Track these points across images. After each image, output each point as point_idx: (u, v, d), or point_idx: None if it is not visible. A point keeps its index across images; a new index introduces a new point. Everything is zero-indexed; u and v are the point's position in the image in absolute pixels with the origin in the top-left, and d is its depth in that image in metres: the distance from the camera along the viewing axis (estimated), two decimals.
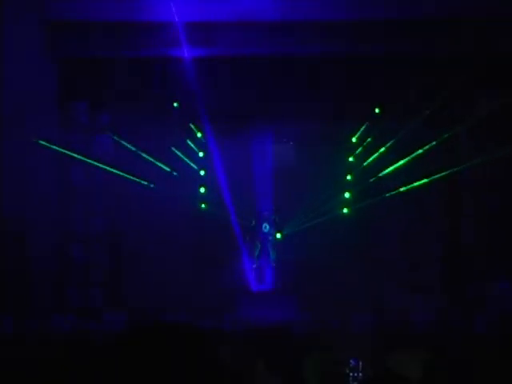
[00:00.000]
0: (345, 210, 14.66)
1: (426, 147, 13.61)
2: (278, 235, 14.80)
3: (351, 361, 3.78)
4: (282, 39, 12.53)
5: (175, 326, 1.81)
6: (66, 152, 13.13)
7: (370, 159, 14.48)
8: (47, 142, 12.52)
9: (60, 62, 13.09)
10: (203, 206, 14.74)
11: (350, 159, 14.90)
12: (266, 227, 14.55)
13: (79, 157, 13.32)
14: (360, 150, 14.74)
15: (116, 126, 13.96)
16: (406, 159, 13.77)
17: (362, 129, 14.63)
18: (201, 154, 15.07)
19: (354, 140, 14.83)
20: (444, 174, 13.46)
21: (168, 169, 14.38)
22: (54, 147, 12.75)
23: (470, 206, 13.71)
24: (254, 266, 14.58)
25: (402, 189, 13.83)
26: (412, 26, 12.34)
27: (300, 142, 14.88)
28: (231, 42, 12.45)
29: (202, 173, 15.03)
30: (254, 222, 14.61)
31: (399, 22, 12.33)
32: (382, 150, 14.21)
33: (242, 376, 3.31)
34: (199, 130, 14.96)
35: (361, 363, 3.81)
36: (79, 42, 12.59)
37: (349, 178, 14.80)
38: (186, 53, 12.54)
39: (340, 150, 14.65)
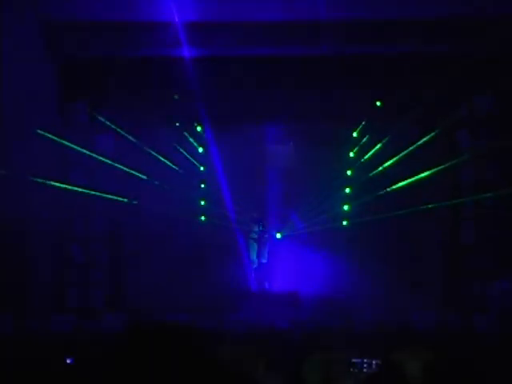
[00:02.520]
0: (345, 207, 14.68)
1: (419, 142, 13.63)
2: (278, 235, 14.80)
3: (354, 360, 3.76)
4: (282, 39, 12.52)
5: (175, 326, 1.81)
6: (66, 152, 13.15)
7: (369, 154, 14.50)
8: (47, 142, 12.52)
9: (60, 62, 13.08)
10: (203, 218, 14.74)
11: (350, 159, 14.90)
12: (260, 225, 14.54)
13: (79, 157, 13.35)
14: (360, 150, 14.75)
15: (116, 126, 13.96)
16: (404, 155, 13.79)
17: (361, 130, 14.65)
18: (200, 154, 15.09)
19: (353, 140, 14.84)
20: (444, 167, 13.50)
21: (168, 169, 14.38)
22: (54, 147, 12.76)
23: (470, 206, 13.71)
24: (254, 266, 14.56)
25: (401, 184, 13.86)
26: (412, 26, 12.33)
27: (300, 142, 14.88)
28: (231, 41, 12.44)
29: (202, 171, 15.05)
30: (250, 223, 14.60)
31: (399, 22, 12.33)
32: (379, 146, 14.24)
33: (242, 376, 3.30)
34: (199, 130, 14.97)
35: (365, 360, 3.80)
36: (79, 42, 12.58)
37: (348, 178, 14.82)
38: (186, 53, 12.54)
39: (340, 150, 14.65)
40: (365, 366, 3.73)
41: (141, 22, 12.32)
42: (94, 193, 13.46)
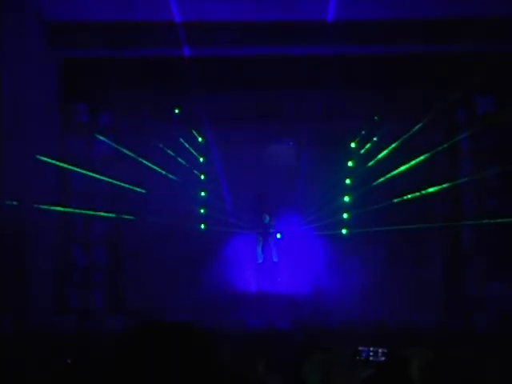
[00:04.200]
0: (345, 215, 14.68)
1: (425, 155, 13.64)
2: (278, 235, 14.78)
3: (361, 348, 3.74)
4: (282, 39, 12.53)
5: (175, 326, 1.80)
6: (67, 153, 13.16)
7: (368, 148, 14.52)
8: (47, 142, 12.52)
9: (60, 62, 13.09)
10: (203, 226, 14.74)
11: (351, 161, 14.88)
12: (266, 219, 14.53)
13: (79, 158, 13.36)
14: (361, 152, 14.75)
15: (116, 125, 13.95)
16: (408, 164, 13.79)
17: (362, 130, 14.65)
18: (201, 154, 15.09)
19: (354, 142, 14.84)
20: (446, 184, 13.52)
21: (168, 168, 14.37)
22: (54, 148, 12.76)
23: (471, 209, 13.70)
24: (260, 260, 14.53)
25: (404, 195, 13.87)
26: (412, 26, 12.34)
27: (300, 142, 14.87)
28: (231, 41, 12.45)
29: (202, 170, 15.06)
30: (250, 224, 14.59)
31: (399, 22, 12.33)
32: (383, 153, 14.24)
33: (242, 376, 3.30)
34: (199, 130, 14.97)
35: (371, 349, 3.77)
36: (79, 42, 12.58)
37: (348, 181, 14.81)
38: (186, 53, 12.54)
39: (340, 150, 14.65)
40: (371, 354, 3.71)
41: (141, 22, 12.32)
42: (94, 193, 13.46)
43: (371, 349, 3.63)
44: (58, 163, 12.98)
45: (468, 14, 12.17)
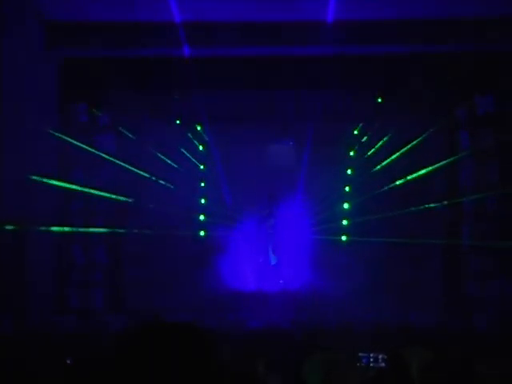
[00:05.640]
0: (345, 206, 14.70)
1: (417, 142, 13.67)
2: (277, 235, 14.79)
3: (361, 355, 3.76)
4: (282, 39, 12.53)
5: (175, 325, 1.80)
6: (66, 152, 13.16)
7: (371, 152, 14.54)
8: (47, 142, 12.52)
9: (60, 62, 13.09)
10: (202, 233, 14.75)
11: (350, 168, 14.92)
12: (270, 220, 14.56)
13: (79, 158, 13.36)
14: (360, 157, 14.79)
15: (116, 126, 13.95)
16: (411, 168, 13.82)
17: (361, 131, 14.67)
18: (200, 154, 15.11)
19: (353, 150, 14.88)
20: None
21: (168, 168, 14.38)
22: (54, 148, 12.76)
23: (470, 207, 13.70)
24: (255, 266, 14.54)
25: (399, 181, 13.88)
26: (412, 26, 12.35)
27: (300, 142, 14.88)
28: (231, 41, 12.45)
29: (202, 169, 15.07)
30: (250, 224, 14.60)
31: (399, 22, 12.34)
32: (382, 153, 14.25)
33: (242, 376, 3.30)
34: (199, 130, 14.98)
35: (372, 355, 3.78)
36: (79, 42, 12.59)
37: (348, 187, 14.85)
38: (186, 53, 12.54)
39: (340, 149, 14.67)
40: (371, 360, 3.73)
41: (141, 22, 12.33)
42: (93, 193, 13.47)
43: (371, 355, 3.65)
44: (57, 163, 12.98)
45: (468, 14, 12.17)
